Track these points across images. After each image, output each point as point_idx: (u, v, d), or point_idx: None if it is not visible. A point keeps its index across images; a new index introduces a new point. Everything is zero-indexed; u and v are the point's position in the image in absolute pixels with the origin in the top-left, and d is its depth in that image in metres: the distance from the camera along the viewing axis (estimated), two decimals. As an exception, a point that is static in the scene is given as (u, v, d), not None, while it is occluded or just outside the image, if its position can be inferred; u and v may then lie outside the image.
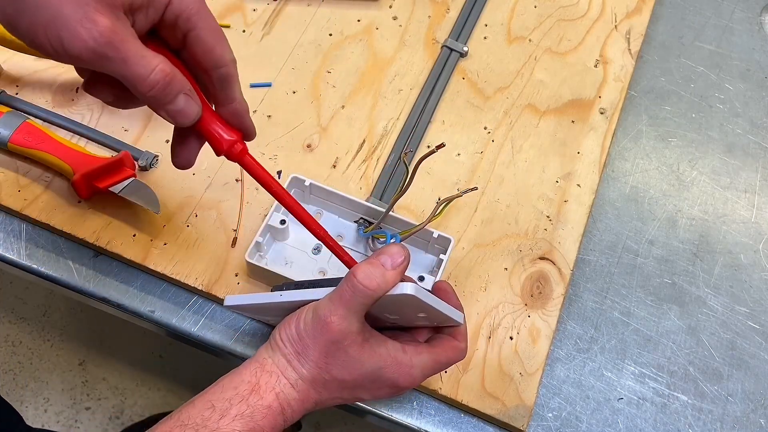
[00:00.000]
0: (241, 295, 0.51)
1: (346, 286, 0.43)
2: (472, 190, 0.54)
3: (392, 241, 0.54)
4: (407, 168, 0.53)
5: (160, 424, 0.43)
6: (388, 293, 0.42)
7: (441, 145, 0.50)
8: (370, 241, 0.58)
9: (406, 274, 0.57)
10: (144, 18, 0.38)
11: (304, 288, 0.47)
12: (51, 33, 0.34)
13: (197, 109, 0.40)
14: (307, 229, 0.46)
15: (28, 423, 0.85)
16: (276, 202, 0.56)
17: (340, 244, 0.58)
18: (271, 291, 0.50)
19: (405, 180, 0.53)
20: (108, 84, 0.40)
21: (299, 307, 0.46)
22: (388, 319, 0.48)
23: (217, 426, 0.42)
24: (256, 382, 0.44)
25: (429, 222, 0.54)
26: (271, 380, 0.44)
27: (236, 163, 0.43)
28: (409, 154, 0.63)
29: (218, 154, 0.42)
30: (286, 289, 0.48)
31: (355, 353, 0.44)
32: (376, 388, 0.46)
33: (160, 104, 0.38)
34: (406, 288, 0.42)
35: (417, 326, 0.49)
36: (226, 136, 0.42)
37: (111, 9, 0.34)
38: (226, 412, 0.43)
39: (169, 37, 0.40)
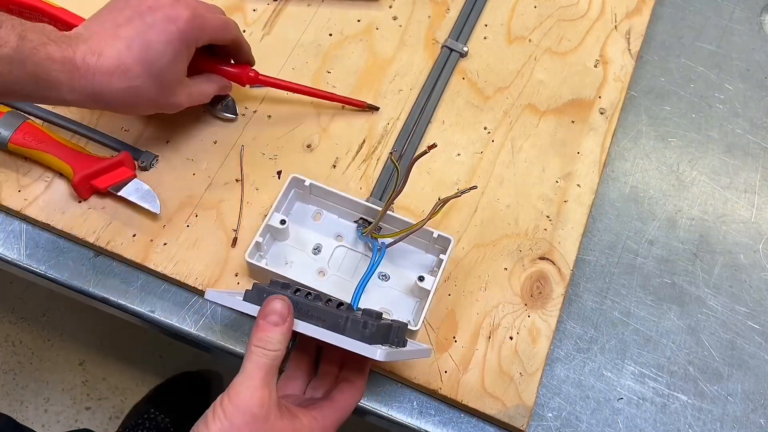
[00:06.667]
0: (222, 293, 0.48)
1: (255, 357, 0.42)
2: (471, 189, 0.54)
3: (379, 251, 0.54)
4: (396, 168, 0.53)
5: None
6: (361, 352, 0.42)
7: (433, 146, 0.50)
8: (368, 241, 0.58)
9: (405, 272, 0.57)
10: (204, 41, 0.56)
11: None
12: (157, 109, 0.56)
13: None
14: (308, 94, 0.64)
15: (29, 423, 0.85)
16: (276, 202, 0.56)
17: (340, 244, 0.58)
18: (245, 295, 0.47)
19: (397, 180, 0.53)
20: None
21: None
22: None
23: None
24: None
25: (426, 222, 0.54)
26: None
27: (259, 86, 0.65)
28: (395, 154, 0.63)
29: (243, 85, 0.62)
30: (266, 295, 0.46)
31: (280, 427, 0.42)
32: None
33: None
34: (376, 354, 0.41)
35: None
36: (242, 73, 0.61)
37: (181, 79, 0.55)
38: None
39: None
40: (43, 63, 0.47)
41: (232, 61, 0.61)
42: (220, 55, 0.60)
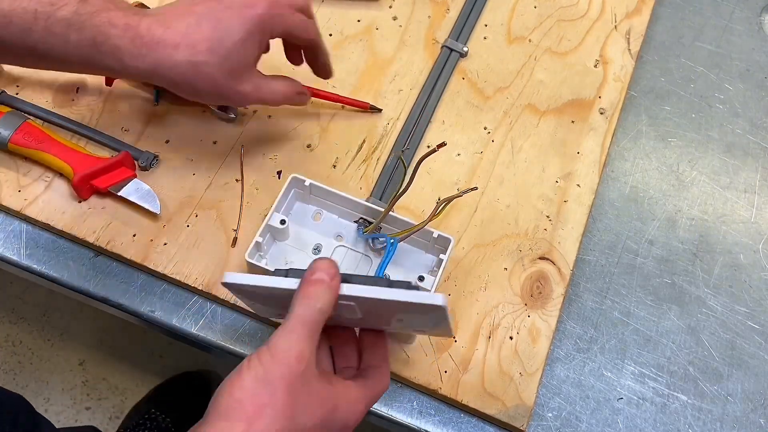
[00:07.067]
0: (244, 274, 0.47)
1: (300, 310, 0.41)
2: (472, 190, 0.54)
3: (392, 244, 0.54)
4: (405, 167, 0.53)
5: None
6: (420, 301, 0.41)
7: (442, 144, 0.50)
8: (370, 241, 0.58)
9: (405, 272, 0.57)
10: (279, 32, 0.54)
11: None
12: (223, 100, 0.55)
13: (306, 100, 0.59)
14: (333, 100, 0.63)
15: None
16: (276, 202, 0.56)
17: (340, 244, 0.58)
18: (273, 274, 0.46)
19: (404, 179, 0.53)
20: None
21: None
22: (345, 319, 0.46)
23: None
24: None
25: (428, 222, 0.54)
26: None
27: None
28: (407, 152, 0.63)
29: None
30: (291, 275, 0.45)
31: (315, 388, 0.41)
32: None
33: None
34: (439, 299, 0.40)
35: (373, 328, 0.48)
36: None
37: (250, 67, 0.53)
38: None
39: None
40: (103, 27, 0.46)
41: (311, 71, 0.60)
42: (295, 61, 0.58)
